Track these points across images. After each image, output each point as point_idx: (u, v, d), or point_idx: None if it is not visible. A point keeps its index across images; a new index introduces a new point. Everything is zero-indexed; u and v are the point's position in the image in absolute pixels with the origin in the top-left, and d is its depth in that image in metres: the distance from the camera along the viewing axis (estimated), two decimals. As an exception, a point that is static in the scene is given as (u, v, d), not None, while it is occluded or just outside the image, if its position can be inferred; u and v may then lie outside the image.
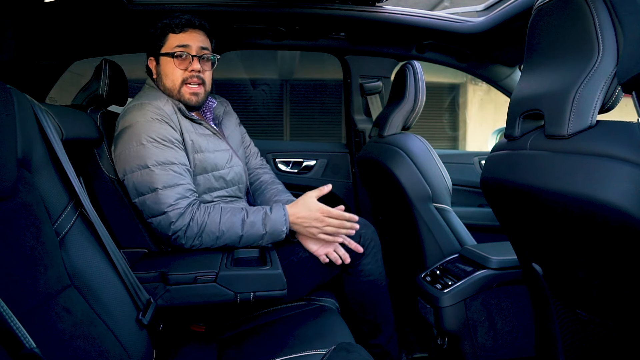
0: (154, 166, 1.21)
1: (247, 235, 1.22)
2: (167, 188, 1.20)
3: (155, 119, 1.26)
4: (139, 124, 1.25)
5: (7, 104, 0.75)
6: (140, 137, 1.23)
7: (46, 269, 0.74)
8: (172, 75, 1.35)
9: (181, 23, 1.35)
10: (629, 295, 0.73)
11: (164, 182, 1.21)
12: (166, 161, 1.23)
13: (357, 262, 1.37)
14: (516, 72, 2.17)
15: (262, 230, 1.22)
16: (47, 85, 1.97)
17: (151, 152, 1.22)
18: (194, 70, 1.34)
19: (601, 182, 0.65)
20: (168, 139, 1.25)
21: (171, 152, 1.25)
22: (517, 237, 1.03)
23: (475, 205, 2.24)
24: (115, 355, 0.81)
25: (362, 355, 0.94)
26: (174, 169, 1.23)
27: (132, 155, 1.23)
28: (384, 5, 1.88)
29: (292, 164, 2.29)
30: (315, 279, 1.34)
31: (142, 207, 1.23)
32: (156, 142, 1.23)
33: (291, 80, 5.84)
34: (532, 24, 0.88)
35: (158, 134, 1.24)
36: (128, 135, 1.25)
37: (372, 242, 1.39)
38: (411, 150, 1.52)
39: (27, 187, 0.75)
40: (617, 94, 0.71)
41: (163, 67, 1.37)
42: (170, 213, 1.19)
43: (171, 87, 1.36)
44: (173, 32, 1.35)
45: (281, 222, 1.23)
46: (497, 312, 1.30)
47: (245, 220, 1.22)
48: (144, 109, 1.27)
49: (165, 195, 1.20)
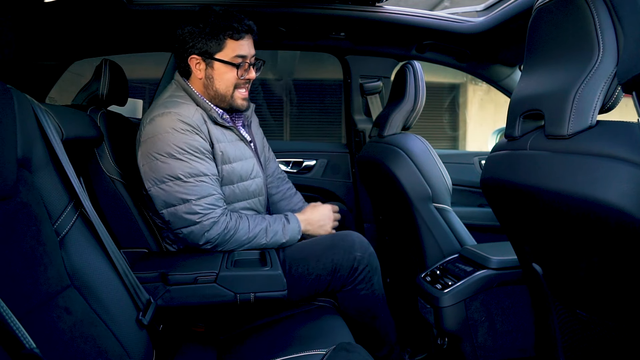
0: (186, 177, 1.22)
1: (270, 242, 1.31)
2: (201, 199, 1.22)
3: (185, 129, 1.24)
4: (168, 134, 1.23)
5: (7, 104, 0.75)
6: (171, 148, 1.22)
7: (46, 269, 0.74)
8: (227, 82, 1.34)
9: (242, 29, 1.32)
10: (629, 295, 0.73)
11: (197, 193, 1.22)
12: (198, 172, 1.23)
13: (348, 288, 1.32)
14: (516, 72, 2.17)
15: (283, 238, 1.32)
16: (47, 85, 1.97)
17: (182, 164, 1.22)
18: (251, 79, 1.37)
19: (601, 182, 0.65)
20: (199, 150, 1.25)
21: (202, 163, 1.25)
22: (517, 237, 1.03)
23: (475, 205, 2.24)
24: (115, 355, 0.80)
25: (362, 355, 0.94)
26: (205, 180, 1.24)
27: (162, 166, 1.23)
28: (384, 5, 1.88)
29: (292, 164, 2.29)
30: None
31: (171, 217, 1.24)
32: (187, 154, 1.23)
33: (291, 80, 5.84)
34: (532, 24, 0.88)
35: (189, 145, 1.23)
36: (156, 146, 1.23)
37: (368, 267, 1.31)
38: (411, 150, 1.52)
39: (27, 187, 0.75)
40: (617, 94, 0.71)
41: (217, 72, 1.34)
42: (205, 222, 1.22)
43: (224, 93, 1.35)
44: (232, 37, 1.31)
45: (296, 232, 1.36)
46: (497, 312, 1.30)
47: (269, 228, 1.31)
48: (172, 118, 1.24)
49: (198, 205, 1.22)
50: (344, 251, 1.30)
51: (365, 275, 1.31)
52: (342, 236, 1.36)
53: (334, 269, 1.29)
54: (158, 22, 1.85)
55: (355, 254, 1.30)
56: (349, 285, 1.31)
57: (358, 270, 1.30)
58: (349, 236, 1.35)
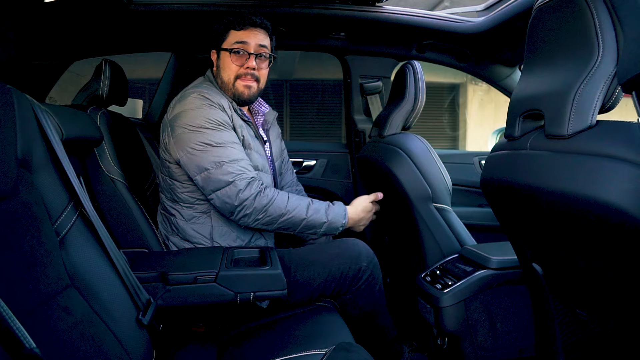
0: (218, 144, 1.27)
1: (310, 219, 1.30)
2: (233, 161, 1.26)
3: (211, 105, 1.31)
4: (199, 108, 1.29)
5: (7, 104, 0.75)
6: (201, 120, 1.28)
7: (46, 269, 0.74)
8: (228, 70, 1.40)
9: (242, 20, 1.39)
10: (629, 295, 0.73)
11: (228, 156, 1.26)
12: (228, 140, 1.29)
13: (349, 296, 1.33)
14: (516, 72, 2.17)
15: (324, 218, 1.31)
16: (47, 85, 1.97)
17: (214, 133, 1.28)
18: (249, 67, 1.38)
19: (601, 182, 0.65)
20: (227, 123, 1.32)
21: (231, 134, 1.31)
22: (517, 237, 1.03)
23: (475, 205, 2.24)
24: (115, 355, 0.80)
25: (362, 355, 0.94)
26: (235, 147, 1.29)
27: (192, 136, 1.28)
28: (384, 5, 1.88)
29: (292, 164, 2.29)
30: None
31: (205, 182, 1.27)
32: (217, 124, 1.29)
33: (291, 80, 5.84)
34: (532, 24, 0.88)
35: (218, 117, 1.30)
36: (188, 118, 1.29)
37: (371, 277, 1.34)
38: (411, 150, 1.52)
39: (27, 187, 0.75)
40: (617, 94, 0.71)
41: (222, 61, 1.41)
42: (238, 182, 1.25)
43: (227, 81, 1.41)
44: (234, 28, 1.40)
45: (341, 216, 1.34)
46: (497, 312, 1.30)
47: (311, 205, 1.31)
48: (203, 96, 1.32)
49: (231, 167, 1.26)
50: (351, 261, 1.32)
51: (367, 284, 1.33)
52: (349, 245, 1.37)
53: (339, 276, 1.31)
54: (158, 22, 1.85)
55: (362, 264, 1.32)
56: (351, 293, 1.33)
57: (362, 279, 1.32)
58: (356, 245, 1.37)
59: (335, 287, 1.31)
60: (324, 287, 1.31)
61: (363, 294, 1.33)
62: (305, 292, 1.30)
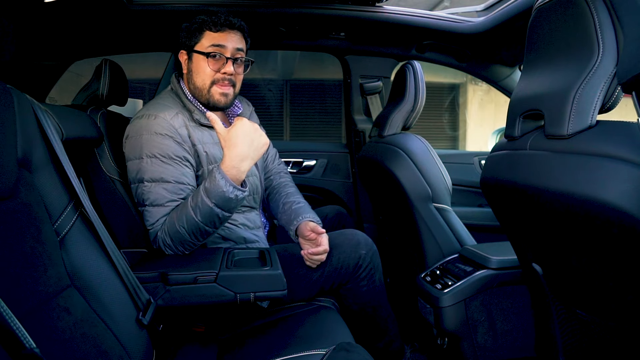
0: (148, 182, 1.23)
1: (199, 210, 1.13)
2: (154, 207, 1.22)
3: (159, 133, 1.24)
4: (142, 137, 1.25)
5: (7, 104, 0.75)
6: (142, 152, 1.24)
7: (46, 269, 0.74)
8: (203, 74, 1.31)
9: (220, 22, 1.30)
10: (629, 295, 0.73)
11: (152, 199, 1.23)
12: (159, 179, 1.22)
13: (350, 285, 1.34)
14: (516, 72, 2.17)
15: (205, 196, 1.12)
16: (47, 85, 1.97)
17: (147, 168, 1.23)
18: (227, 72, 1.31)
19: (601, 182, 0.65)
20: (168, 156, 1.24)
21: (168, 169, 1.23)
22: (517, 237, 1.03)
23: (475, 205, 2.24)
24: (115, 355, 0.80)
25: (362, 355, 0.94)
26: (166, 187, 1.22)
27: (133, 168, 1.26)
28: (384, 5, 1.88)
29: (292, 164, 2.30)
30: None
31: (136, 196, 1.28)
32: (154, 158, 1.23)
33: (291, 80, 5.84)
34: (532, 24, 0.88)
35: (159, 149, 1.23)
36: (132, 147, 1.27)
37: (371, 264, 1.34)
38: (411, 150, 1.52)
39: (27, 187, 0.75)
40: (617, 94, 0.71)
41: (195, 64, 1.33)
42: (151, 231, 1.23)
43: (201, 86, 1.32)
44: (210, 29, 1.31)
45: (217, 179, 1.10)
46: (497, 312, 1.30)
47: (190, 201, 1.16)
48: (149, 121, 1.25)
49: (149, 214, 1.23)
50: (350, 249, 1.33)
51: (367, 272, 1.34)
52: (348, 235, 1.38)
53: (339, 266, 1.32)
54: (158, 22, 1.85)
55: (361, 252, 1.33)
56: (352, 282, 1.34)
57: (362, 267, 1.33)
58: (355, 235, 1.38)
59: (335, 278, 1.32)
60: (325, 278, 1.31)
61: (363, 282, 1.34)
62: (307, 284, 1.30)
